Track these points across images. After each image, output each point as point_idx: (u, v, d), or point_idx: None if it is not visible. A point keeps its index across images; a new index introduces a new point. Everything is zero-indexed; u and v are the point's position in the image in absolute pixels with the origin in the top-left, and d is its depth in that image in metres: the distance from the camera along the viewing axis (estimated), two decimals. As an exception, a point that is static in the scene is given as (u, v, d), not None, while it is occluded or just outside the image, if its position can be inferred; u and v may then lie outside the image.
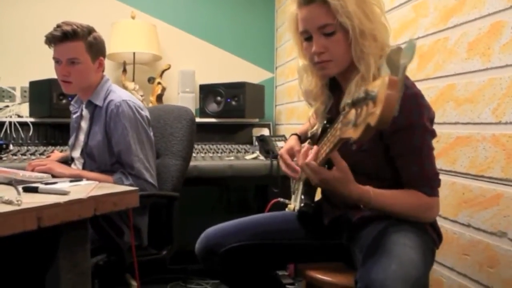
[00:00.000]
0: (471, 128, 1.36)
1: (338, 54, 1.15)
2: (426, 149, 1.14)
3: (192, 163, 2.14)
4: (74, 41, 1.69)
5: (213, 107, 2.94)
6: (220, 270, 1.35)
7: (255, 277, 1.39)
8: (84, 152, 1.79)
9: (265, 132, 2.98)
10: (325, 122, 1.18)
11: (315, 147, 1.02)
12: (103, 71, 1.84)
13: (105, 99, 1.77)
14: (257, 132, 2.97)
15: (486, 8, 1.31)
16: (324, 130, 1.13)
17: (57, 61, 1.73)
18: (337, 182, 1.03)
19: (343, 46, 1.13)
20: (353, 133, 0.76)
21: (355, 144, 1.13)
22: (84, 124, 1.84)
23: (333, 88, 1.29)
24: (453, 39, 1.44)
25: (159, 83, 2.93)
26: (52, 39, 1.69)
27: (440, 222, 1.36)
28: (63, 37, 1.67)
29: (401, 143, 1.12)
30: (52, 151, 2.27)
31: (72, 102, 1.92)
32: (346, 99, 0.81)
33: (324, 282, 1.26)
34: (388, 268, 0.96)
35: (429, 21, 1.56)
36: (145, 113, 1.81)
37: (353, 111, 0.76)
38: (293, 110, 2.94)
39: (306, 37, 1.18)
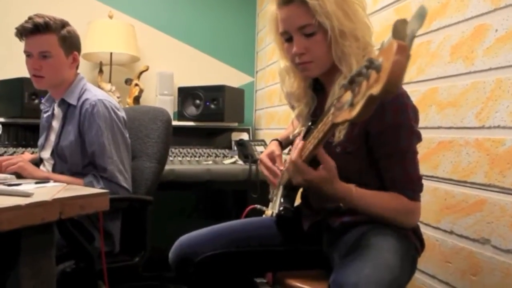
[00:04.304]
0: (454, 132, 1.33)
1: (319, 55, 1.11)
2: (411, 152, 1.11)
3: (168, 167, 2.08)
4: (46, 34, 1.62)
5: (191, 110, 2.88)
6: (195, 280, 1.28)
7: (232, 287, 1.32)
8: (55, 153, 1.71)
9: (244, 136, 2.93)
10: (309, 123, 1.14)
11: (300, 143, 0.97)
12: (77, 67, 1.77)
13: (79, 98, 1.69)
14: (236, 136, 2.91)
15: (469, 11, 1.29)
16: (308, 131, 1.09)
17: (28, 54, 1.65)
18: (323, 182, 0.99)
19: (324, 46, 1.09)
20: (348, 114, 0.69)
21: (339, 146, 1.11)
22: (55, 124, 1.76)
23: (317, 90, 1.25)
24: (436, 42, 1.42)
25: (136, 84, 2.85)
26: (23, 31, 1.61)
27: (422, 229, 1.32)
28: (34, 29, 1.60)
29: (387, 144, 1.09)
30: (23, 153, 2.18)
31: (43, 101, 1.84)
32: (341, 82, 0.74)
33: (303, 290, 1.21)
34: (361, 271, 0.92)
35: (411, 24, 1.53)
36: (122, 113, 1.74)
37: (348, 93, 0.71)
38: (273, 115, 2.90)
39: (287, 38, 1.14)
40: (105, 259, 1.39)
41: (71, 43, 1.69)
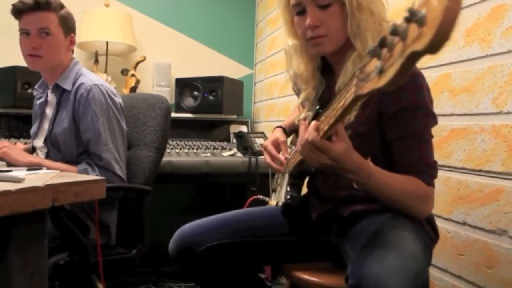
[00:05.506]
0: (468, 119, 1.27)
1: (334, 29, 1.04)
2: (427, 135, 1.05)
3: (166, 159, 2.01)
4: (47, 11, 1.55)
5: (189, 102, 2.80)
6: (197, 272, 1.21)
7: (236, 279, 1.25)
8: (48, 141, 1.63)
9: (243, 129, 2.86)
10: (317, 107, 1.07)
11: (313, 122, 0.90)
12: (72, 51, 1.69)
13: (74, 83, 1.62)
14: (234, 129, 2.85)
15: (486, -8, 1.23)
16: (317, 115, 1.02)
17: (25, 32, 1.57)
18: (343, 154, 0.90)
19: (339, 20, 1.03)
20: (376, 82, 0.61)
21: (349, 129, 1.04)
22: (49, 111, 1.68)
23: (325, 72, 1.18)
24: (449, 26, 1.36)
25: (133, 75, 2.78)
26: (23, 8, 1.54)
27: (433, 220, 1.26)
28: (35, 5, 1.53)
29: (402, 125, 1.02)
30: (15, 143, 2.10)
31: (35, 87, 1.76)
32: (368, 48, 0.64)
33: (311, 283, 1.15)
34: (384, 260, 0.84)
35: (422, 8, 1.47)
36: (118, 99, 1.66)
37: (374, 61, 0.63)
38: (272, 107, 2.83)
39: (299, 10, 1.07)
40: (100, 252, 1.32)
41: (69, 24, 1.64)
